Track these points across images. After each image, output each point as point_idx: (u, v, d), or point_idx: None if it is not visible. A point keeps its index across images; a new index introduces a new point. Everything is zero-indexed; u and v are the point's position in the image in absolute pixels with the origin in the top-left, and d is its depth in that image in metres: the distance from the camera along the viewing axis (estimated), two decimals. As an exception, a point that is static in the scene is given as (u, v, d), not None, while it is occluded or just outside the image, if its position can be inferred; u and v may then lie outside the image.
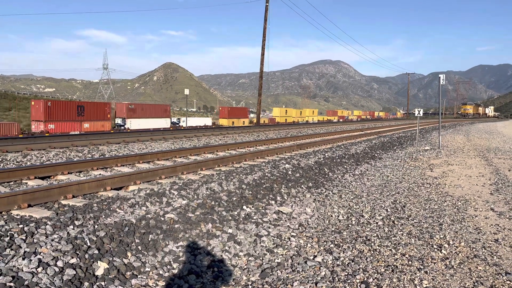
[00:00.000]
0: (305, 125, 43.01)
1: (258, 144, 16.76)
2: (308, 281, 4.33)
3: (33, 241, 4.29)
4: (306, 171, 10.04)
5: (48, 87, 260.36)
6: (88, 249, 4.38)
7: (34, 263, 3.93)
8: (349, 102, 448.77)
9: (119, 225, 5.03)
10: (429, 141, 23.24)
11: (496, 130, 40.52)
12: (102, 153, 12.53)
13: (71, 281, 3.89)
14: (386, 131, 31.14)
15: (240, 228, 5.92)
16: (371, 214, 7.03)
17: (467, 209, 7.35)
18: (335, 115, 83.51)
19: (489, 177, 10.86)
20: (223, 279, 4.60)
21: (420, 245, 5.33)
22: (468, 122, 70.46)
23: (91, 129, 29.72)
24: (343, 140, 20.07)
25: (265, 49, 38.61)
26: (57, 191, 6.16)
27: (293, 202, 7.58)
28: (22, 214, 5.27)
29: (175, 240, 5.18)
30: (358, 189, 9.33)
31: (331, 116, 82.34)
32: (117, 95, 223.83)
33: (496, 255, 4.96)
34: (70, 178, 8.27)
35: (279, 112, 61.55)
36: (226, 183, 7.61)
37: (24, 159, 10.50)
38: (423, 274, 4.33)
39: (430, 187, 9.50)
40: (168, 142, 17.28)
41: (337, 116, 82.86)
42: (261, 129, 30.48)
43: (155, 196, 6.34)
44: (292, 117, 62.54)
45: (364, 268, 4.56)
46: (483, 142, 23.39)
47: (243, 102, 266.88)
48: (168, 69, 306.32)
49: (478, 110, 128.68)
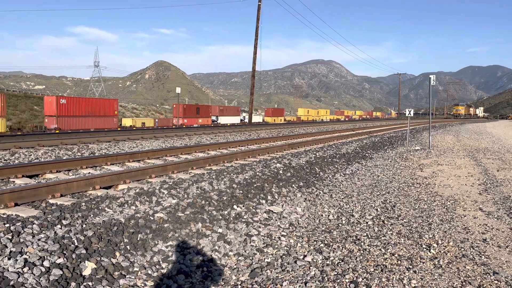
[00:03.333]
0: (297, 125, 43.15)
1: (250, 143, 16.75)
2: (297, 280, 4.33)
3: (20, 241, 4.22)
4: (297, 170, 10.04)
5: (38, 84, 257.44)
6: (75, 249, 4.32)
7: (20, 263, 3.87)
8: (341, 102, 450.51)
9: (108, 224, 4.98)
10: (419, 141, 23.42)
11: (485, 130, 40.98)
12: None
13: (58, 281, 3.84)
14: (377, 131, 31.31)
15: (230, 227, 5.90)
16: (361, 213, 7.05)
17: (456, 209, 7.41)
18: (342, 115, 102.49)
19: (478, 177, 10.98)
20: (213, 279, 4.57)
21: (409, 244, 5.36)
22: (458, 122, 71.18)
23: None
24: (334, 140, 20.13)
25: (257, 48, 38.62)
26: (44, 190, 6.08)
27: (284, 202, 7.57)
28: (9, 213, 5.19)
29: (165, 239, 5.14)
30: (348, 188, 9.36)
31: (339, 116, 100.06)
32: (108, 93, 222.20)
33: (484, 255, 5.00)
34: (59, 176, 8.17)
35: (303, 112, 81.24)
36: (216, 182, 7.58)
37: (12, 157, 10.36)
38: (412, 274, 4.35)
39: (420, 187, 9.56)
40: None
41: (344, 115, 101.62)
42: (253, 129, 30.47)
43: (145, 195, 6.29)
44: (312, 116, 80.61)
45: (353, 267, 4.57)
46: (473, 142, 23.64)
47: (235, 101, 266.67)
48: (160, 67, 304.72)
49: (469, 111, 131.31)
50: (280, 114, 67.89)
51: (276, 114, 66.70)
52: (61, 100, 27.92)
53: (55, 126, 27.58)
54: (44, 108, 28.93)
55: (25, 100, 48.11)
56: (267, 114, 66.66)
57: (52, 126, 27.57)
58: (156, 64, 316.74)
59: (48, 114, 28.23)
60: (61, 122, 28.29)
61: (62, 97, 28.70)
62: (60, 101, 27.85)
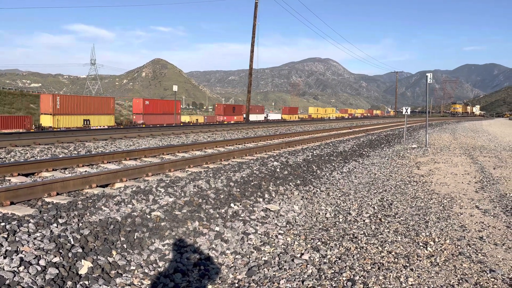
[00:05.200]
0: (294, 123, 43.13)
1: (247, 141, 16.73)
2: (295, 279, 4.32)
3: (15, 240, 4.20)
4: (294, 168, 10.04)
5: (34, 82, 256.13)
6: (71, 248, 4.30)
7: (15, 262, 3.84)
8: (338, 100, 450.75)
9: (104, 223, 4.96)
10: (416, 139, 23.47)
11: (481, 128, 41.13)
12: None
13: (54, 280, 3.82)
14: (374, 129, 31.36)
15: (228, 226, 5.89)
16: (358, 211, 7.06)
17: (453, 207, 7.43)
18: (346, 113, 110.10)
19: (474, 175, 11.01)
20: (210, 277, 4.56)
21: (406, 242, 5.36)
22: (455, 120, 71.41)
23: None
24: (331, 138, 20.14)
25: (254, 46, 38.54)
26: (40, 188, 6.04)
27: (281, 200, 7.57)
28: (5, 211, 5.15)
29: (161, 238, 5.13)
30: (345, 186, 9.36)
31: (344, 113, 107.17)
32: (105, 91, 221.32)
33: (480, 253, 5.01)
34: (55, 175, 8.13)
35: (314, 110, 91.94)
36: (214, 181, 7.57)
37: (8, 156, 10.31)
38: (408, 272, 4.36)
39: (416, 185, 9.58)
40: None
41: (347, 113, 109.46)
42: (250, 127, 30.42)
43: (141, 194, 6.27)
44: (321, 114, 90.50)
45: (350, 265, 4.57)
46: (469, 140, 23.71)
47: (232, 99, 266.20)
48: (157, 65, 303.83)
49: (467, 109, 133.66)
50: (295, 112, 77.10)
51: (292, 112, 75.96)
52: (146, 102, 38.18)
53: (142, 121, 36.56)
54: (133, 107, 39.19)
55: (21, 98, 47.90)
56: (284, 112, 75.89)
57: (140, 122, 36.56)
58: (153, 62, 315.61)
59: (136, 112, 37.92)
60: (146, 118, 37.21)
61: (146, 99, 39.39)
62: (145, 102, 37.97)
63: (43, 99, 30.54)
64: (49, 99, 29.74)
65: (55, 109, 29.75)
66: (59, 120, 30.27)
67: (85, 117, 32.42)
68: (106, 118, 34.03)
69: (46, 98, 30.24)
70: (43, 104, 30.23)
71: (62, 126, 30.00)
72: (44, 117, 30.23)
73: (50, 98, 29.76)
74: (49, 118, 29.92)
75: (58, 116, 30.23)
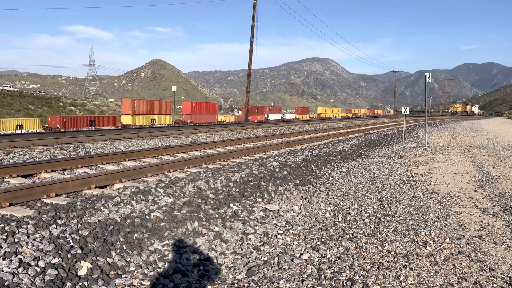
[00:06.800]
0: (294, 123, 43.14)
1: (246, 141, 16.73)
2: (294, 279, 4.32)
3: (14, 241, 4.19)
4: (294, 168, 10.04)
5: (33, 83, 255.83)
6: (71, 249, 4.30)
7: (14, 263, 3.84)
8: (337, 100, 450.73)
9: (104, 224, 4.95)
10: (415, 139, 23.49)
11: (480, 127, 41.18)
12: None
13: (53, 281, 3.81)
14: (373, 128, 31.37)
15: (227, 226, 5.89)
16: (357, 211, 7.06)
17: (452, 206, 7.43)
18: (350, 112, 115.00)
19: (473, 174, 11.02)
20: (209, 277, 4.56)
21: (405, 242, 5.37)
22: (454, 120, 71.48)
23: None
24: (330, 138, 20.14)
25: (253, 46, 38.52)
26: (39, 190, 6.03)
27: (280, 200, 7.57)
28: (3, 213, 5.15)
29: (161, 238, 5.12)
30: (345, 186, 9.37)
31: (348, 113, 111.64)
32: (104, 92, 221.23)
33: (480, 252, 5.02)
34: (54, 176, 8.12)
35: (322, 110, 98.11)
36: (213, 181, 7.56)
37: (7, 157, 10.29)
38: (408, 271, 4.36)
39: (416, 184, 9.59)
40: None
41: (351, 113, 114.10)
42: (249, 127, 30.41)
43: (141, 194, 6.26)
44: (328, 114, 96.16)
45: (350, 265, 4.57)
46: (468, 139, 23.74)
47: (231, 100, 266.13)
48: (156, 66, 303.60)
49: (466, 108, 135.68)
50: (306, 112, 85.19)
51: (303, 112, 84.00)
52: (193, 104, 45.01)
53: (190, 121, 42.51)
54: (182, 108, 47.04)
55: (19, 99, 47.82)
56: (297, 112, 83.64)
57: (188, 121, 42.34)
58: (152, 62, 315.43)
59: (185, 113, 44.70)
60: (193, 118, 43.75)
61: (193, 102, 46.64)
62: (192, 104, 44.88)
63: (123, 103, 38.68)
64: (128, 103, 37.47)
65: (134, 111, 37.30)
66: (136, 119, 37.50)
67: (152, 117, 39.54)
68: (166, 117, 41.53)
69: (126, 101, 38.05)
70: (124, 106, 38.02)
71: (138, 124, 37.16)
72: (124, 117, 37.33)
73: (130, 102, 37.57)
74: (129, 118, 37.10)
75: (136, 116, 37.57)
